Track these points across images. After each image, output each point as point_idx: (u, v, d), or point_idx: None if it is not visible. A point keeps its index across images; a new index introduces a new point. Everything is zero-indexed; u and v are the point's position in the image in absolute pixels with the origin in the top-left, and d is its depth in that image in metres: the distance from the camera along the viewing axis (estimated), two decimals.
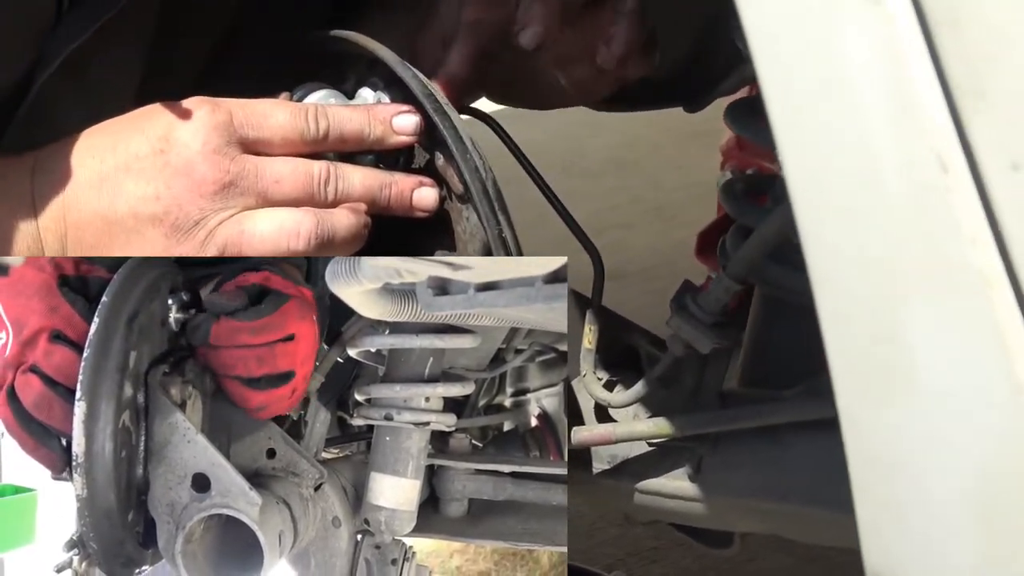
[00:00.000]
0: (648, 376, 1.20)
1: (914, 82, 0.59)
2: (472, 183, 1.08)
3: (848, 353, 0.64)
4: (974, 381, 0.60)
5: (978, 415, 0.61)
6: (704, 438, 1.21)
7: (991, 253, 0.58)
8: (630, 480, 1.27)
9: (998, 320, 0.59)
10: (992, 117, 0.58)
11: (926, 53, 0.59)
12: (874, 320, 0.62)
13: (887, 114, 0.59)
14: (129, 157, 1.00)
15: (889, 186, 0.60)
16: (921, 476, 0.63)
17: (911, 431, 0.63)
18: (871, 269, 0.62)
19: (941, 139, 0.58)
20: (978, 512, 0.62)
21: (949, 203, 0.58)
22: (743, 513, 1.25)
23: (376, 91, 1.16)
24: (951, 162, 0.58)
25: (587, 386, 1.26)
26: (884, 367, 0.63)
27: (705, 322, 1.13)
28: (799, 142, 0.63)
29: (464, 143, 1.08)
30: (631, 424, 1.23)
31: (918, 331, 0.61)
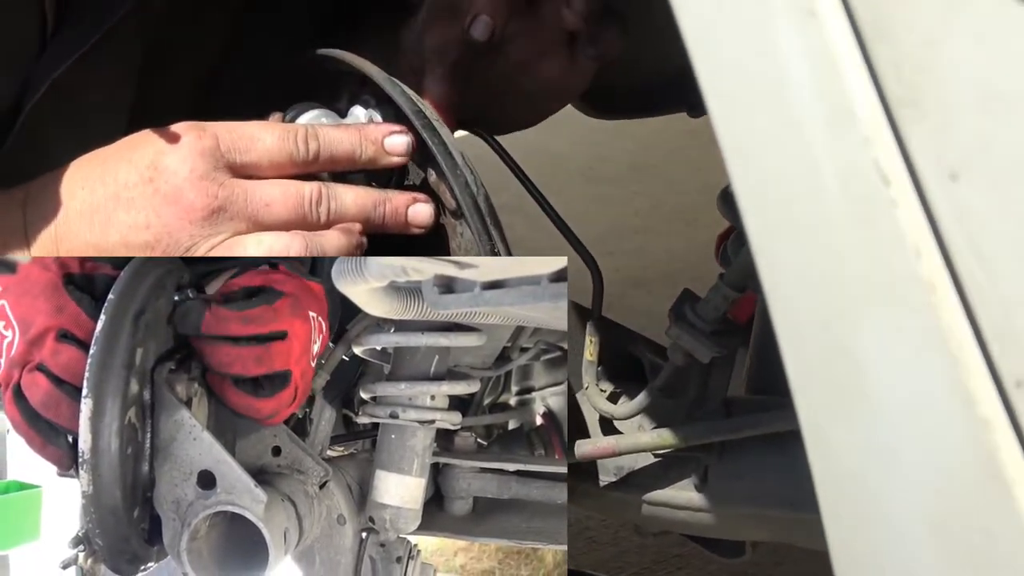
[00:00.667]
0: (651, 387, 1.20)
1: (851, 93, 0.58)
2: (463, 199, 1.09)
3: (804, 368, 0.64)
4: (925, 394, 0.59)
5: (930, 429, 0.60)
6: (710, 447, 1.20)
7: (936, 264, 0.58)
8: (637, 492, 1.27)
9: (946, 332, 0.58)
10: (927, 127, 0.57)
11: (862, 63, 0.58)
12: (825, 334, 0.62)
13: (825, 126, 0.59)
14: (119, 187, 1.01)
15: (831, 199, 0.59)
16: (880, 492, 0.63)
17: (868, 446, 0.62)
18: (818, 283, 0.61)
19: (881, 150, 0.58)
20: (935, 529, 0.61)
21: (892, 215, 0.58)
22: (752, 522, 1.24)
23: (368, 108, 1.16)
24: (892, 174, 0.58)
25: (590, 398, 1.25)
26: (838, 381, 0.62)
27: (704, 331, 1.12)
28: (742, 154, 0.62)
29: (454, 159, 1.09)
30: (635, 436, 1.22)
31: (868, 345, 0.60)
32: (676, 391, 1.21)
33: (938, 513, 0.61)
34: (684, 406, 1.21)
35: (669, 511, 1.25)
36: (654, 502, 1.25)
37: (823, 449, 0.65)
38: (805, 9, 0.59)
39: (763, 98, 0.61)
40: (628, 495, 1.27)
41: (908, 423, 0.60)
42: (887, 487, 0.62)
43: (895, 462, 0.61)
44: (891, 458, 0.62)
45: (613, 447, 1.22)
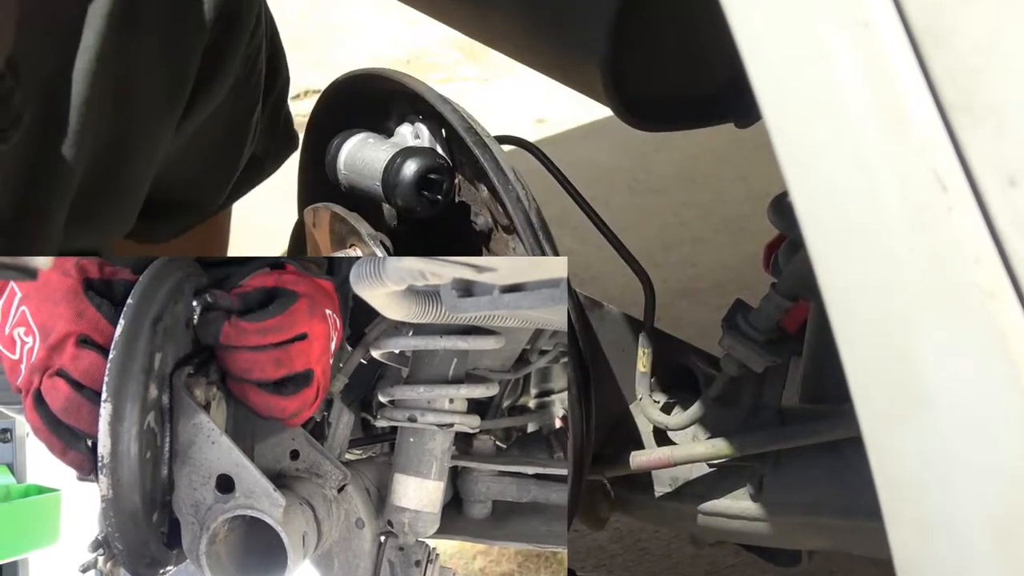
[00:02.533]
0: (705, 397, 1.20)
1: (906, 100, 0.58)
2: (515, 214, 1.09)
3: (863, 373, 0.64)
4: (986, 400, 0.59)
5: (992, 434, 0.60)
6: (765, 456, 1.20)
7: (996, 271, 0.57)
8: (692, 502, 1.26)
9: (1006, 338, 0.58)
10: (984, 132, 0.57)
11: (917, 71, 0.58)
12: (884, 340, 0.62)
13: (882, 134, 0.59)
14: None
15: (889, 206, 0.59)
16: (944, 498, 0.62)
17: (929, 451, 0.62)
18: (877, 289, 0.61)
19: (938, 157, 0.57)
20: (998, 535, 0.61)
21: (950, 222, 0.58)
22: (808, 530, 1.24)
23: (413, 125, 1.17)
24: (949, 180, 0.57)
25: (644, 409, 1.25)
26: (898, 387, 0.62)
27: (757, 340, 1.12)
28: (799, 163, 0.62)
29: (506, 174, 1.09)
30: (690, 446, 1.22)
31: (928, 351, 0.60)
32: (730, 401, 1.21)
33: (1001, 518, 0.60)
34: (738, 416, 1.21)
35: (725, 521, 1.25)
36: (710, 512, 1.25)
37: (884, 455, 0.65)
38: (859, 21, 0.59)
39: (819, 107, 0.61)
40: (683, 505, 1.27)
41: (969, 428, 0.60)
42: (949, 493, 0.62)
43: (957, 468, 0.61)
44: (953, 464, 0.61)
45: (668, 458, 1.22)
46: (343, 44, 3.96)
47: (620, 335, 1.29)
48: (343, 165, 1.27)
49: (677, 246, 2.85)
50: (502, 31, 1.49)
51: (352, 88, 1.32)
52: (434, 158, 1.19)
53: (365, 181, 1.24)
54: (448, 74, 3.80)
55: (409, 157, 1.19)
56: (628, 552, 2.01)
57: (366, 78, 1.29)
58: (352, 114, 1.31)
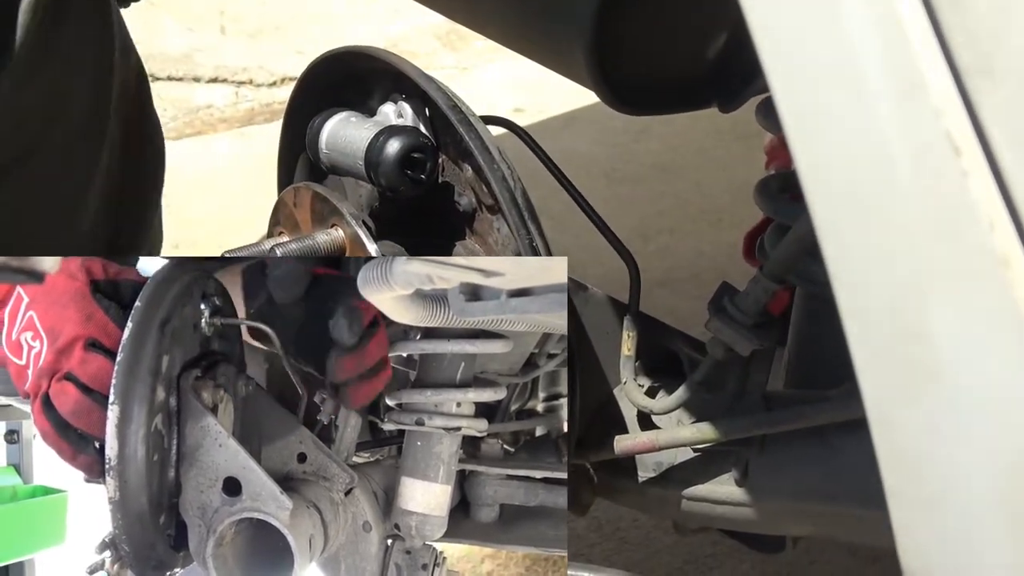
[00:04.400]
0: (690, 381, 1.19)
1: (920, 63, 0.57)
2: (501, 193, 1.08)
3: (871, 351, 0.63)
4: (1000, 374, 0.58)
5: (1004, 408, 0.59)
6: (750, 441, 1.20)
7: (1010, 237, 0.57)
8: (677, 487, 1.26)
9: (1020, 307, 0.57)
10: (1001, 96, 0.56)
11: (931, 32, 0.57)
12: (895, 315, 0.61)
13: (894, 97, 0.58)
14: None
15: (901, 173, 0.58)
16: (952, 475, 0.61)
17: (940, 429, 0.61)
18: (888, 262, 0.60)
19: (952, 121, 0.56)
20: (1011, 511, 0.60)
21: (964, 186, 0.56)
22: (793, 516, 1.23)
23: (396, 104, 1.16)
24: (963, 144, 0.56)
25: (628, 393, 1.24)
26: (908, 363, 0.61)
27: (745, 324, 1.11)
28: (806, 131, 0.61)
29: (491, 154, 1.08)
30: (675, 430, 1.21)
31: (940, 324, 0.59)
32: (715, 385, 1.20)
33: (1012, 493, 0.59)
34: (724, 400, 1.20)
35: (709, 506, 1.24)
36: (694, 497, 1.24)
37: (890, 431, 0.63)
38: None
39: (829, 73, 0.60)
40: (667, 491, 1.26)
41: (981, 402, 0.59)
42: (958, 469, 0.61)
43: (967, 443, 0.60)
44: (963, 439, 0.60)
45: (653, 442, 1.21)
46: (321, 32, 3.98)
47: (604, 318, 1.28)
48: (325, 144, 1.26)
49: (655, 235, 2.86)
50: (488, 15, 1.48)
51: (334, 66, 1.31)
52: (418, 137, 1.18)
53: (347, 160, 1.23)
54: (426, 63, 3.82)
55: (392, 136, 1.18)
56: (607, 541, 2.00)
57: (349, 56, 1.28)
58: (333, 93, 1.30)
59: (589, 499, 1.35)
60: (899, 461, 0.64)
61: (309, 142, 1.27)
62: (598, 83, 1.25)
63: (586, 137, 3.12)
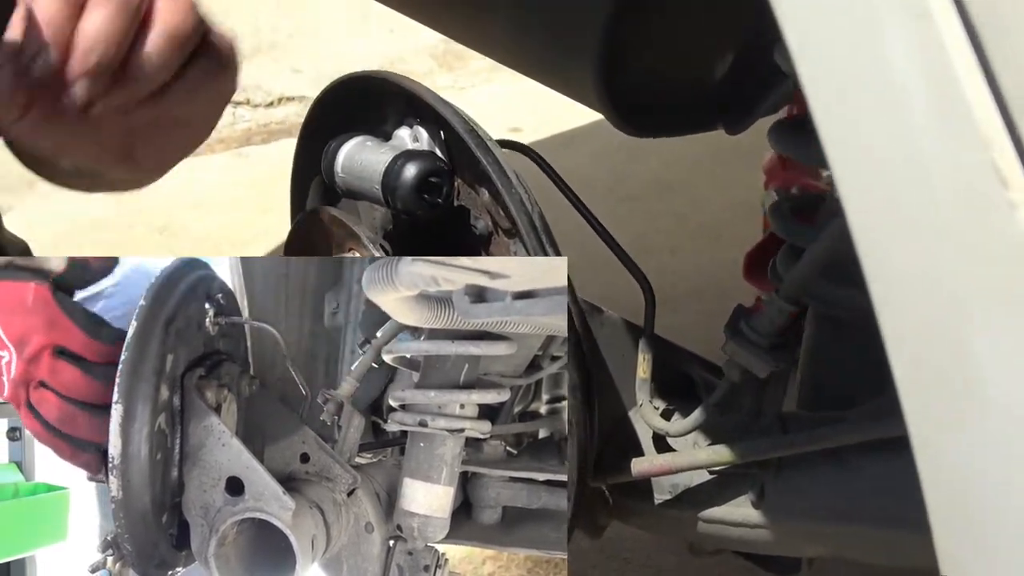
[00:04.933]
0: (705, 403, 1.19)
1: (965, 93, 0.57)
2: (519, 217, 1.09)
3: (915, 375, 0.63)
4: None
5: None
6: (766, 463, 1.20)
7: None
8: (693, 509, 1.26)
9: None
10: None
11: (975, 64, 0.57)
12: (939, 341, 0.61)
13: (940, 130, 0.58)
14: None
15: (947, 202, 0.58)
16: (998, 499, 0.61)
17: (985, 453, 0.61)
18: (932, 286, 0.60)
19: (998, 152, 0.57)
20: None
21: (1012, 218, 0.56)
22: (810, 538, 1.23)
23: (412, 128, 1.16)
24: (1011, 176, 0.57)
25: (644, 416, 1.24)
26: (953, 388, 0.61)
27: (761, 345, 1.12)
28: (850, 160, 0.61)
29: (508, 178, 1.09)
30: (691, 453, 1.22)
31: (985, 348, 0.59)
32: (731, 407, 1.20)
33: None
34: (740, 422, 1.20)
35: (725, 528, 1.24)
36: (710, 519, 1.24)
37: (934, 454, 0.63)
38: (917, 12, 0.58)
39: (874, 104, 0.60)
40: (683, 513, 1.26)
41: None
42: (1006, 492, 0.61)
43: (1015, 466, 0.60)
44: (1010, 462, 0.60)
45: (670, 464, 1.21)
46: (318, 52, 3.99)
47: (619, 341, 1.28)
48: (341, 168, 1.26)
49: (654, 253, 2.86)
50: (493, 36, 1.48)
51: (348, 91, 1.31)
52: (434, 161, 1.19)
53: (364, 184, 1.23)
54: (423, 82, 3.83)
55: (410, 160, 1.18)
56: (610, 561, 2.00)
57: (364, 80, 1.28)
58: (347, 118, 1.30)
59: (605, 521, 1.35)
60: (943, 485, 0.64)
61: (325, 166, 1.28)
62: (606, 105, 1.25)
63: (584, 156, 3.13)
